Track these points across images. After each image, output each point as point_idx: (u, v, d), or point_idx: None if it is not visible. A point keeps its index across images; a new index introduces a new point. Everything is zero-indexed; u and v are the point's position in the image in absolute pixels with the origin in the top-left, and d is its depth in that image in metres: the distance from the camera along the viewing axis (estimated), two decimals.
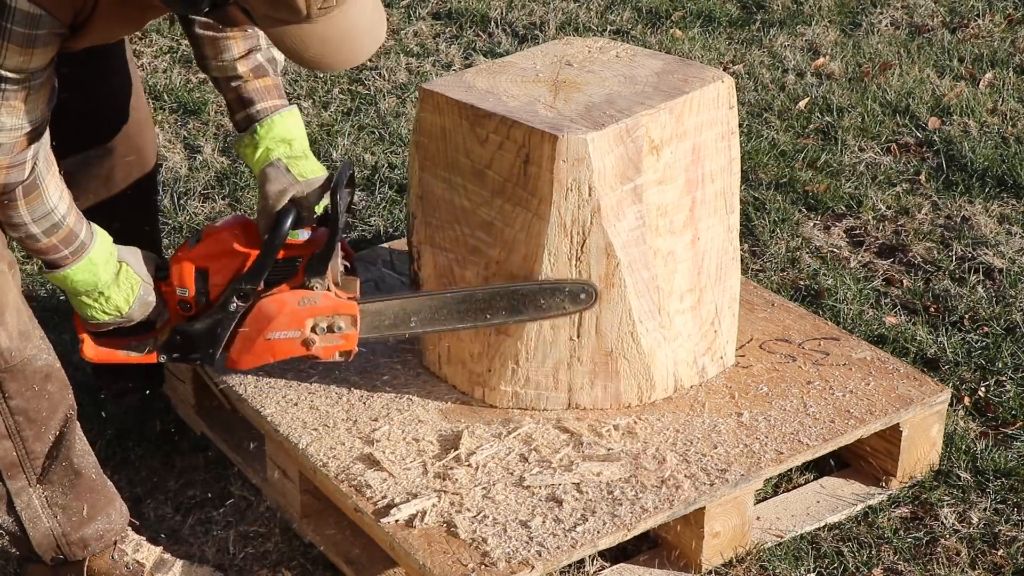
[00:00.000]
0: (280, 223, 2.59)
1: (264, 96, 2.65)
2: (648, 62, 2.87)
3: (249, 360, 2.67)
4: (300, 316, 2.63)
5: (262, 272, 2.61)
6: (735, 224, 2.89)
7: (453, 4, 5.54)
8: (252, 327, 2.64)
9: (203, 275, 2.63)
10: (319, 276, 2.63)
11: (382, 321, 2.71)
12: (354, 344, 2.68)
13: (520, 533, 2.50)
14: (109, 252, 2.53)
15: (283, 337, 2.64)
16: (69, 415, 2.52)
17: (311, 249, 2.64)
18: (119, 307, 2.57)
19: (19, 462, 2.48)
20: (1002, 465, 2.98)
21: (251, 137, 2.65)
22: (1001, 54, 5.02)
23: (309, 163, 2.67)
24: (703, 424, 2.78)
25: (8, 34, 2.15)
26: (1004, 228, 3.91)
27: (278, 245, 2.60)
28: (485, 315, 2.70)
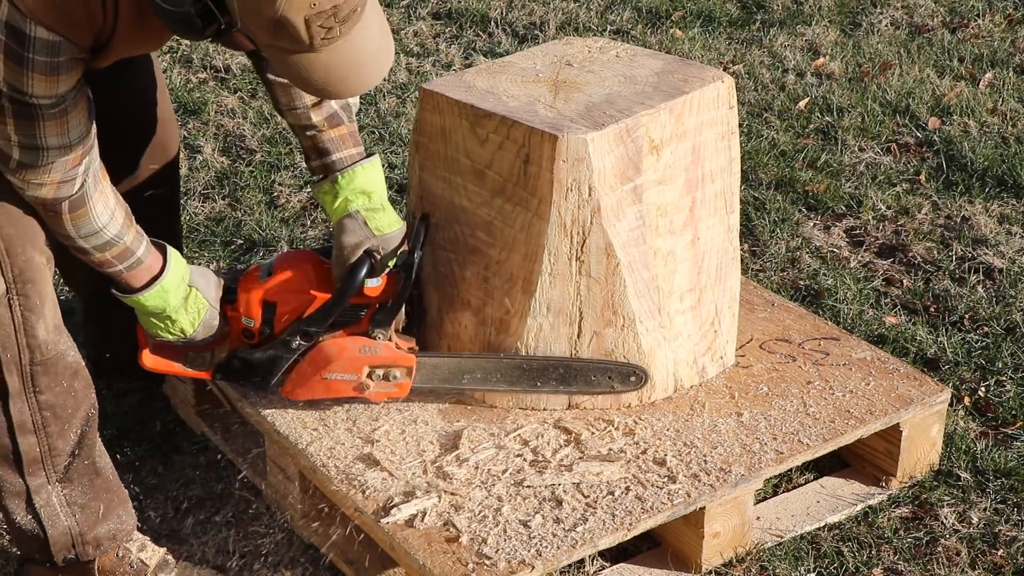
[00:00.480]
0: (353, 275, 2.66)
1: (339, 146, 2.69)
2: (648, 62, 2.87)
3: (302, 393, 2.75)
4: (359, 363, 2.70)
5: (329, 317, 2.68)
6: (735, 224, 2.88)
7: (453, 4, 5.54)
8: (311, 365, 2.71)
9: (271, 309, 2.71)
10: (383, 327, 2.72)
11: (435, 375, 2.78)
12: (406, 393, 2.76)
13: (520, 533, 2.50)
14: (181, 277, 2.59)
15: (339, 379, 2.72)
16: (91, 414, 2.55)
17: (379, 299, 2.71)
18: (184, 330, 2.64)
19: (41, 458, 2.50)
20: (1002, 465, 2.98)
21: (331, 186, 2.69)
22: (1001, 54, 5.02)
23: (387, 216, 2.72)
24: (703, 424, 2.78)
25: (31, 64, 2.18)
26: (1004, 228, 3.91)
27: (349, 296, 2.67)
28: (535, 383, 2.76)
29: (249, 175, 4.23)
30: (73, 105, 2.27)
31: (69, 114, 2.27)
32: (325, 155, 2.69)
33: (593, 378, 2.76)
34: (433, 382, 2.78)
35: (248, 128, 4.51)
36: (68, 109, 2.27)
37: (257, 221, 3.97)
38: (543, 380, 2.76)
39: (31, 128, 2.25)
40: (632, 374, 2.77)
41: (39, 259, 2.43)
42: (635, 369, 2.77)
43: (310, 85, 2.18)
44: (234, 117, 4.60)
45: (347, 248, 2.67)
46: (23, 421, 2.46)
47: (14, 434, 2.46)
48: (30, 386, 2.45)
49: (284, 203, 4.09)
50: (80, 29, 2.19)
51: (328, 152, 2.68)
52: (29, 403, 2.46)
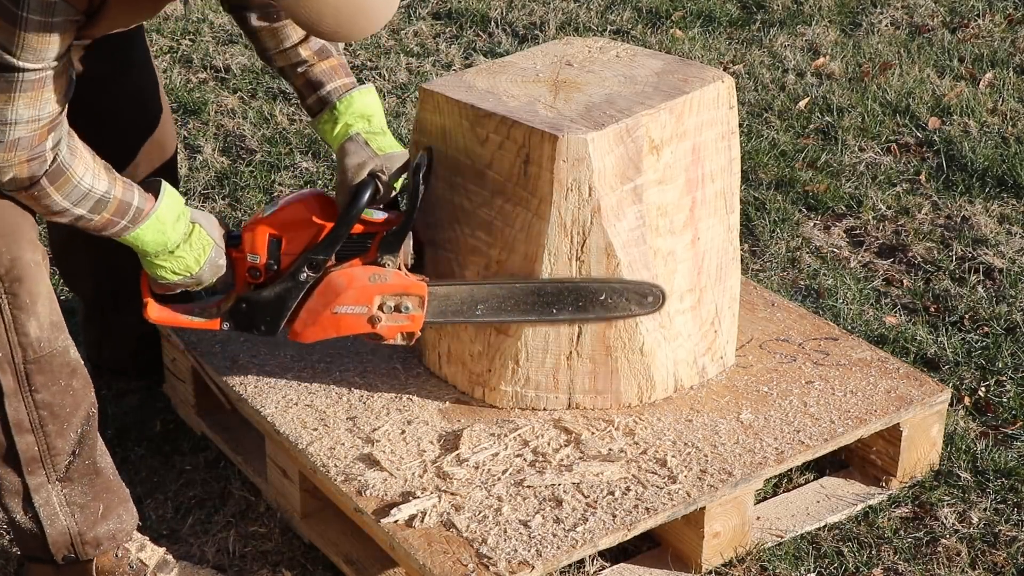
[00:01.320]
0: (358, 196, 2.58)
1: (332, 76, 2.68)
2: (648, 62, 2.87)
3: (313, 333, 2.66)
4: (369, 292, 2.63)
5: (336, 244, 2.61)
6: (735, 224, 2.89)
7: (453, 4, 5.54)
8: (320, 299, 2.63)
9: (276, 243, 2.63)
10: (392, 254, 2.63)
11: (449, 306, 2.70)
12: (419, 326, 2.68)
13: (520, 533, 2.51)
14: (179, 212, 2.54)
15: (350, 312, 2.64)
16: (91, 413, 2.54)
17: (386, 228, 2.63)
18: (189, 267, 2.58)
19: (40, 457, 2.49)
20: (1002, 465, 2.99)
21: (330, 114, 2.67)
22: (1001, 54, 5.02)
23: (388, 139, 2.69)
24: (703, 424, 2.78)
25: (24, 23, 2.16)
26: (1004, 228, 3.91)
27: (355, 217, 2.59)
28: (552, 309, 2.69)
29: (249, 175, 4.23)
30: (51, 79, 2.25)
31: (47, 86, 2.24)
32: (319, 87, 2.67)
33: (609, 301, 2.68)
34: (446, 315, 2.71)
35: (248, 128, 4.51)
36: (47, 81, 2.24)
37: None
38: (559, 306, 2.68)
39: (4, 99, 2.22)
40: (650, 294, 2.69)
41: (27, 257, 2.40)
42: (652, 288, 2.69)
43: (319, 28, 2.18)
44: (234, 117, 4.60)
45: (351, 169, 2.63)
46: (19, 420, 2.45)
47: (10, 433, 2.45)
48: (25, 385, 2.44)
49: None
50: None
51: (322, 84, 2.67)
52: (25, 402, 2.44)
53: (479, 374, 2.84)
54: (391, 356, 2.99)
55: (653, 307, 2.72)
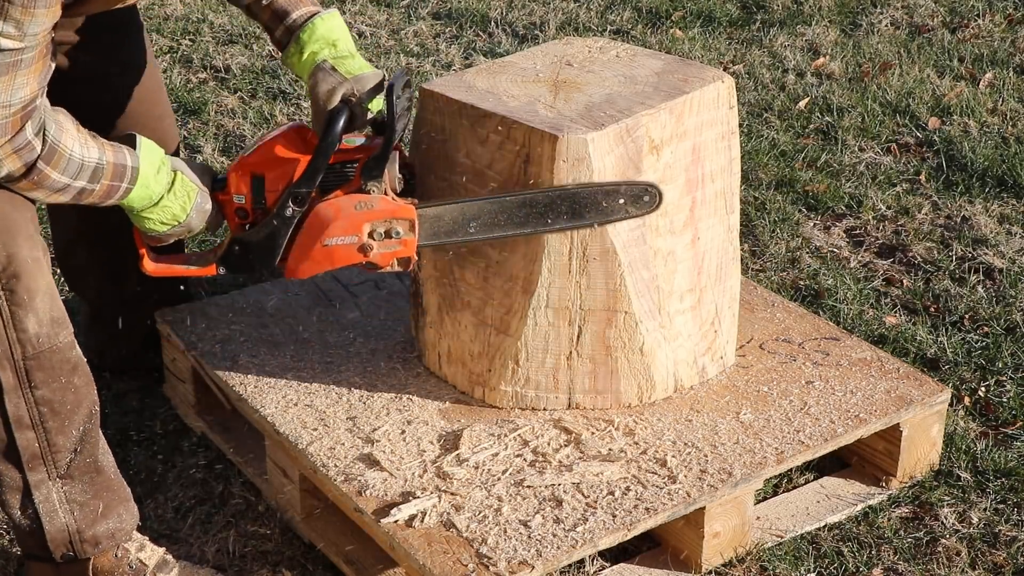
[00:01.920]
0: (332, 123, 2.55)
1: (297, 5, 2.64)
2: (648, 62, 2.87)
3: (307, 268, 2.65)
4: (357, 220, 2.60)
5: (317, 174, 2.58)
6: (735, 224, 2.89)
7: (453, 4, 5.54)
8: (309, 233, 2.61)
9: (259, 181, 2.62)
10: (375, 179, 2.59)
11: (441, 226, 2.67)
12: (412, 251, 2.65)
13: (520, 533, 2.51)
14: (160, 162, 2.52)
15: (340, 243, 2.61)
16: (93, 411, 2.53)
17: (367, 153, 2.61)
18: (176, 215, 2.57)
19: (41, 454, 2.48)
20: (1002, 465, 2.99)
21: (295, 45, 2.64)
22: (1001, 54, 5.02)
23: (357, 61, 2.65)
24: (703, 424, 2.78)
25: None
26: (1004, 228, 3.91)
27: (331, 144, 2.56)
28: (546, 219, 2.64)
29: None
30: (29, 62, 2.20)
31: (20, 70, 2.19)
32: (284, 17, 2.63)
33: (604, 204, 2.63)
34: (439, 236, 2.67)
35: (248, 128, 4.51)
36: (21, 64, 2.19)
37: None
38: (553, 216, 2.63)
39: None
40: (645, 193, 2.64)
41: (25, 253, 2.39)
42: (648, 187, 2.64)
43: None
44: (234, 117, 4.60)
45: (322, 97, 2.59)
46: (20, 416, 2.45)
47: (11, 429, 2.45)
48: (25, 381, 2.43)
49: None
50: None
51: (287, 13, 2.63)
52: (25, 398, 2.44)
53: (479, 374, 2.84)
54: (391, 356, 2.99)
55: (650, 206, 2.66)
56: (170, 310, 3.15)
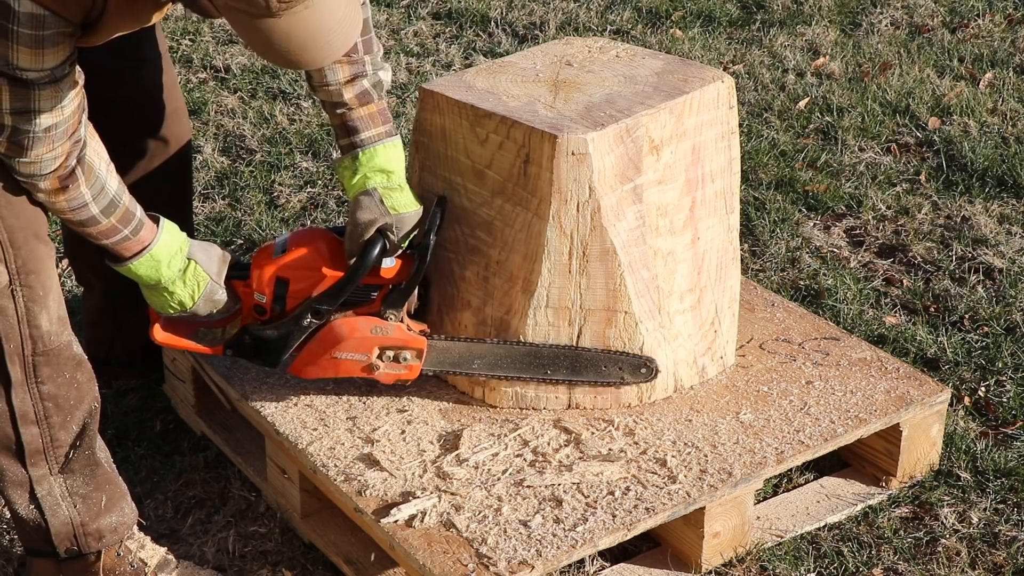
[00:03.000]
0: (367, 253, 2.64)
1: (369, 124, 2.69)
2: (648, 62, 2.87)
3: (312, 372, 2.74)
4: (370, 343, 2.70)
5: (341, 296, 2.67)
6: (735, 224, 2.88)
7: (453, 4, 5.54)
8: (322, 344, 2.70)
9: (283, 285, 2.69)
10: (396, 309, 2.70)
11: (446, 359, 2.77)
12: (415, 375, 2.75)
13: (520, 533, 2.50)
14: (177, 248, 2.58)
15: (349, 358, 2.71)
16: (94, 407, 2.56)
17: (393, 280, 2.70)
18: (183, 302, 2.63)
19: (43, 449, 2.50)
20: (1002, 465, 2.98)
21: (351, 162, 2.69)
22: (1001, 54, 5.02)
23: (404, 196, 2.71)
24: (703, 424, 2.78)
25: (15, 36, 2.16)
26: (1004, 228, 3.91)
27: (362, 275, 2.65)
28: (546, 371, 2.75)
29: (249, 175, 4.23)
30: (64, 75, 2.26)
31: (63, 82, 2.26)
32: (354, 134, 2.68)
33: (604, 368, 2.75)
34: (443, 366, 2.77)
35: (248, 128, 4.51)
36: (59, 79, 2.25)
37: (257, 221, 3.97)
38: (553, 368, 2.75)
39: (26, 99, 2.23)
40: (643, 366, 2.76)
41: (42, 249, 2.43)
42: (646, 361, 2.76)
43: (270, 52, 2.15)
44: (234, 117, 4.60)
45: (361, 224, 2.65)
46: (25, 412, 2.47)
47: (16, 424, 2.47)
48: (32, 377, 2.45)
49: (284, 203, 4.09)
50: (68, 3, 2.18)
51: (357, 130, 2.68)
52: (31, 394, 2.46)
53: None
54: None
55: (646, 378, 2.78)
56: None
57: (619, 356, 2.75)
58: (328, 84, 2.65)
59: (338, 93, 2.66)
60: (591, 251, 2.68)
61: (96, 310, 3.24)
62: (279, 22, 2.09)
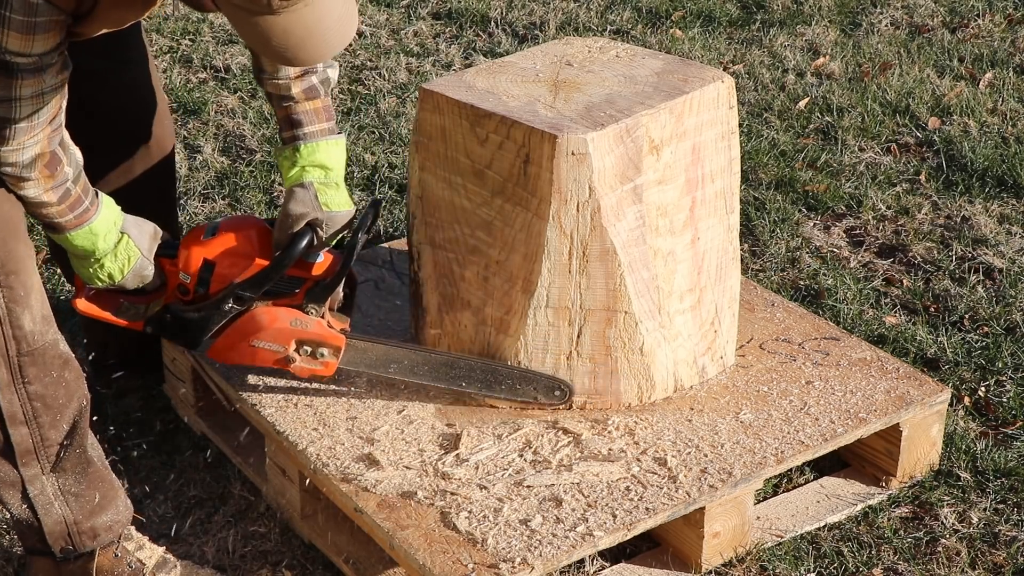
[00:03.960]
0: (294, 244, 2.65)
1: (313, 119, 2.71)
2: (648, 62, 2.87)
3: (230, 357, 2.76)
4: (288, 335, 2.71)
5: (264, 284, 2.68)
6: (735, 224, 2.88)
7: (453, 4, 5.54)
8: (240, 330, 2.71)
9: (209, 268, 2.69)
10: (318, 304, 2.71)
11: (363, 359, 2.78)
12: (331, 372, 2.76)
13: (520, 533, 2.50)
14: (112, 222, 2.59)
15: (266, 348, 2.72)
16: (83, 405, 2.55)
17: (316, 276, 2.70)
18: (112, 275, 2.64)
19: (34, 449, 2.50)
20: (1002, 465, 2.98)
21: (291, 153, 2.71)
22: (1001, 54, 5.02)
23: (339, 194, 2.72)
24: (703, 424, 2.78)
25: (7, 22, 2.19)
26: (1004, 228, 3.91)
27: (287, 265, 2.66)
28: (460, 382, 2.78)
29: (249, 175, 4.23)
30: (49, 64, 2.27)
31: (46, 71, 2.27)
32: (297, 127, 2.70)
33: (518, 387, 2.78)
34: (360, 366, 2.79)
35: (248, 128, 4.51)
36: (44, 68, 2.26)
37: None
38: (467, 380, 2.78)
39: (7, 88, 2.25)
40: (557, 388, 2.77)
41: (22, 250, 2.43)
42: (560, 384, 2.77)
43: (268, 49, 2.17)
44: (234, 117, 4.60)
45: (292, 216, 2.67)
46: (13, 412, 2.46)
47: (5, 425, 2.47)
48: (19, 377, 2.45)
49: None
50: None
51: (300, 124, 2.70)
52: (19, 394, 2.46)
53: None
54: None
55: (560, 400, 2.79)
56: None
57: (533, 375, 2.77)
58: (278, 77, 2.67)
59: (286, 87, 2.68)
60: (591, 251, 2.68)
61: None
62: (278, 19, 2.10)
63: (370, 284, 3.25)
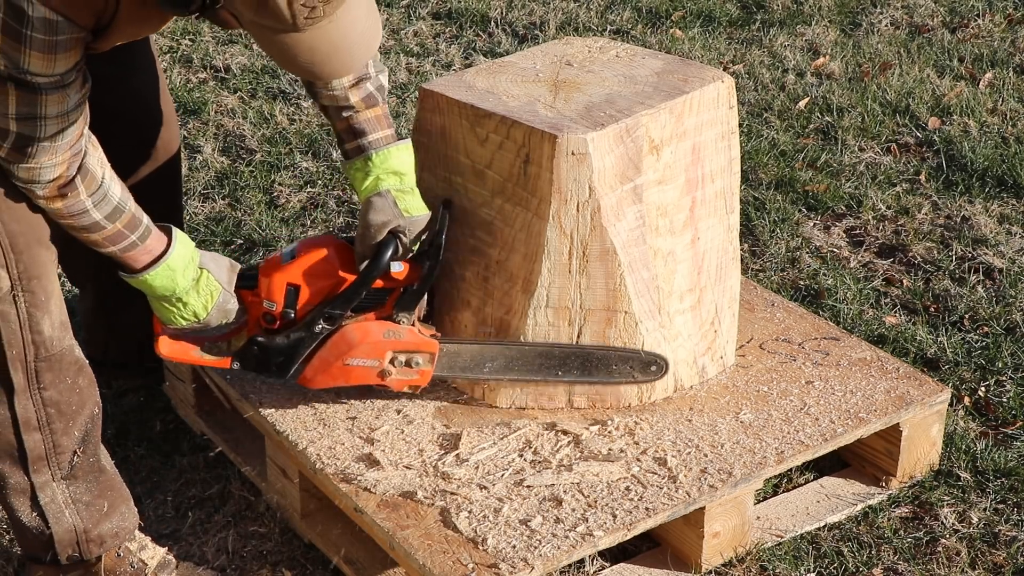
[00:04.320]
0: (380, 255, 2.61)
1: (375, 127, 2.68)
2: (648, 62, 2.87)
3: (323, 380, 2.70)
4: (382, 348, 2.67)
5: (354, 299, 2.64)
6: (735, 224, 2.88)
7: (453, 4, 5.54)
8: (333, 351, 2.67)
9: (294, 292, 2.66)
10: (408, 312, 2.67)
11: (458, 362, 2.75)
12: (427, 381, 2.73)
13: (520, 533, 2.50)
14: (189, 258, 2.55)
15: (361, 365, 2.68)
16: (96, 412, 2.55)
17: (404, 283, 2.67)
18: (196, 313, 2.59)
19: (46, 455, 2.50)
20: (1002, 465, 2.98)
21: (364, 163, 2.68)
22: (1001, 54, 5.02)
23: (416, 200, 2.70)
24: (703, 424, 2.78)
25: (29, 41, 2.17)
26: (1004, 228, 3.91)
27: (375, 276, 2.62)
28: (557, 372, 2.74)
29: (249, 175, 4.23)
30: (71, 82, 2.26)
31: (69, 88, 2.26)
32: (361, 136, 2.67)
33: (615, 367, 2.74)
34: (454, 370, 2.75)
35: (248, 128, 4.51)
36: (67, 85, 2.25)
37: (257, 221, 3.97)
38: (564, 369, 2.73)
39: (33, 105, 2.23)
40: (654, 363, 2.75)
41: (44, 255, 2.43)
42: (656, 358, 2.75)
43: (294, 65, 2.17)
44: (234, 117, 4.60)
45: (374, 226, 2.64)
46: (28, 418, 2.46)
47: (19, 431, 2.46)
48: (35, 383, 2.45)
49: (284, 203, 4.09)
50: (81, 9, 2.18)
51: (364, 132, 2.67)
52: (34, 400, 2.46)
53: None
54: None
55: (656, 375, 2.76)
56: None
57: (630, 354, 2.73)
58: (334, 89, 2.64)
59: (344, 97, 2.65)
60: (591, 251, 2.68)
61: (90, 312, 3.24)
62: (303, 36, 2.10)
63: None
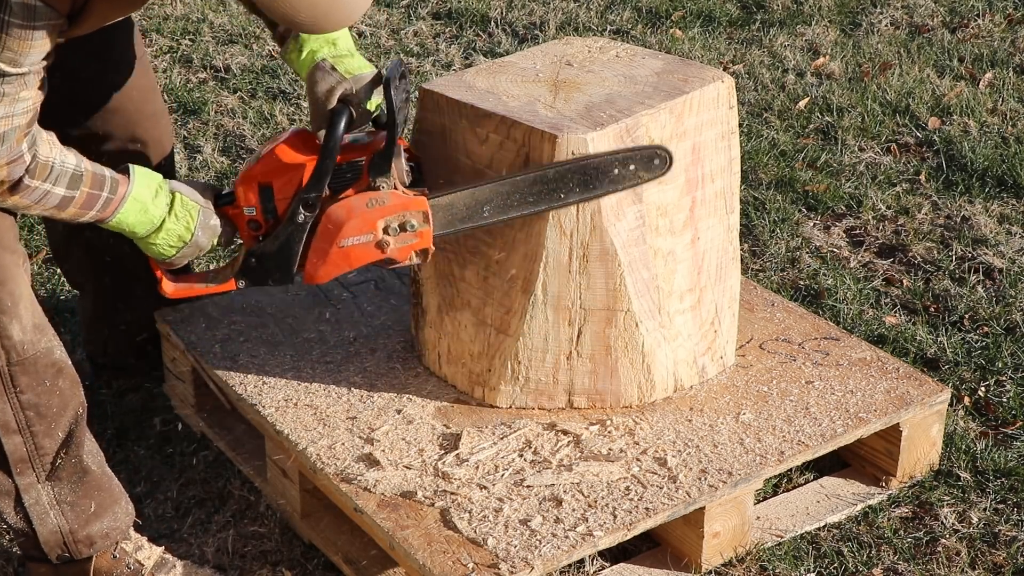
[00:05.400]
0: (334, 124, 2.54)
1: None
2: (648, 62, 2.87)
3: (326, 271, 2.62)
4: (371, 218, 2.58)
5: (324, 177, 2.56)
6: (735, 224, 2.89)
7: (453, 4, 5.54)
8: (324, 237, 2.59)
9: (267, 191, 2.60)
10: (384, 175, 2.58)
11: (455, 214, 2.65)
12: (429, 241, 2.63)
13: (520, 533, 2.51)
14: (157, 186, 2.52)
15: (357, 243, 2.59)
16: (79, 413, 2.53)
17: (372, 150, 2.59)
18: (181, 236, 2.56)
19: (28, 458, 2.49)
20: (1002, 465, 2.99)
21: (295, 42, 2.63)
22: (1001, 54, 5.02)
23: (355, 60, 2.64)
24: (703, 424, 2.78)
25: (6, 26, 2.15)
26: (1004, 228, 3.91)
27: (335, 144, 2.55)
28: (559, 195, 2.62)
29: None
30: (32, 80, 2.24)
31: (26, 88, 2.23)
32: None
33: (617, 172, 2.61)
34: (454, 224, 2.65)
35: (248, 128, 4.51)
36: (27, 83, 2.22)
37: None
38: (565, 190, 2.61)
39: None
40: (656, 156, 2.63)
41: (8, 259, 2.40)
42: (658, 150, 2.63)
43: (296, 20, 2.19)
44: (234, 117, 4.60)
45: (321, 96, 2.59)
46: (6, 421, 2.45)
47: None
48: (10, 387, 2.43)
49: None
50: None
51: None
52: (11, 403, 2.44)
53: (479, 374, 2.84)
54: (391, 356, 2.99)
55: (661, 169, 2.64)
56: (170, 310, 3.15)
57: (629, 153, 2.60)
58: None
59: None
60: (591, 251, 2.68)
61: (89, 312, 3.24)
62: None
63: (370, 284, 3.25)
